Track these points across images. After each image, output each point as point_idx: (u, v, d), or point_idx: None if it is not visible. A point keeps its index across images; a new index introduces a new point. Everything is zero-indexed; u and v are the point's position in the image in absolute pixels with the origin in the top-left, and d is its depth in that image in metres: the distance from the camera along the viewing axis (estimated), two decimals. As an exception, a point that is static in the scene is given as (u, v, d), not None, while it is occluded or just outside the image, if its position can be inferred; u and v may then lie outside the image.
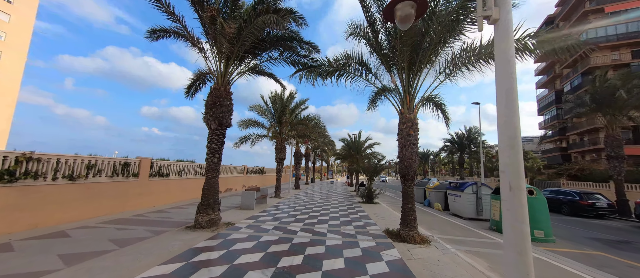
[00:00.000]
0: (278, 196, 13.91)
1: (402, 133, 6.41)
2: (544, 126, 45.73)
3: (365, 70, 7.25)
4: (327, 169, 53.14)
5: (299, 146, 22.70)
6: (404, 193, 6.35)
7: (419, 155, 7.05)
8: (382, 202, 13.87)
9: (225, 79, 6.94)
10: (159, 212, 8.27)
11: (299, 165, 22.50)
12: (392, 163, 15.29)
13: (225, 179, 15.68)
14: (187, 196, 11.35)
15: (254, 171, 21.38)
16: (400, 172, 6.42)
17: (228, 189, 16.00)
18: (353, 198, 15.60)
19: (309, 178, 30.77)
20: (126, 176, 8.22)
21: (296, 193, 17.23)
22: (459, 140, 28.52)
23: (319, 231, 6.62)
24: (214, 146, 6.66)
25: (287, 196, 15.26)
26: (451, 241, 6.25)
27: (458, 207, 10.60)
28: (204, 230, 6.10)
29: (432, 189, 13.18)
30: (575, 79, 35.54)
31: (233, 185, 16.92)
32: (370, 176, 13.73)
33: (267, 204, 11.18)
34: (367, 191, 13.50)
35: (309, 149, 29.51)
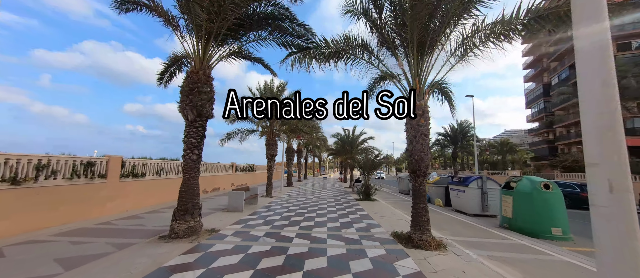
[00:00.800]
0: (270, 195, 12.95)
1: (411, 123, 5.59)
2: (531, 119, 46.59)
3: (367, 53, 6.36)
4: (320, 165, 52.39)
5: (291, 142, 21.72)
6: (414, 191, 5.56)
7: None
8: (380, 199, 13.18)
9: (204, 62, 5.89)
10: (132, 218, 7.17)
11: (291, 162, 21.55)
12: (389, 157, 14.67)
13: (212, 178, 14.56)
14: (168, 197, 10.22)
15: (243, 169, 20.27)
16: (410, 167, 5.61)
17: (215, 188, 14.89)
18: (349, 195, 14.84)
19: (301, 175, 29.88)
20: (90, 178, 7.05)
21: (289, 191, 16.31)
22: (453, 134, 28.29)
23: (318, 236, 5.76)
24: (192, 140, 5.63)
25: (280, 194, 14.32)
26: (468, 244, 5.54)
27: (462, 203, 9.99)
28: (181, 241, 5.11)
29: (432, 184, 12.58)
30: (562, 72, 36.08)
31: (221, 184, 15.80)
32: (367, 171, 12.98)
33: (258, 204, 10.22)
34: (364, 188, 12.75)
35: (301, 145, 28.56)
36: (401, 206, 11.17)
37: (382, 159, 13.70)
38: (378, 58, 6.18)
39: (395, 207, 10.73)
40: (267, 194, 13.01)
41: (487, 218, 9.25)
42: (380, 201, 12.48)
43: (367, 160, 13.10)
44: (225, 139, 13.29)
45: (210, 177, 14.30)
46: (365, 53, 6.34)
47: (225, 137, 13.29)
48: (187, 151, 5.63)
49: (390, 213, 8.93)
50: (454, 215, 9.40)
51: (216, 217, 7.60)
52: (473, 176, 10.13)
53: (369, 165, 12.88)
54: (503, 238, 6.12)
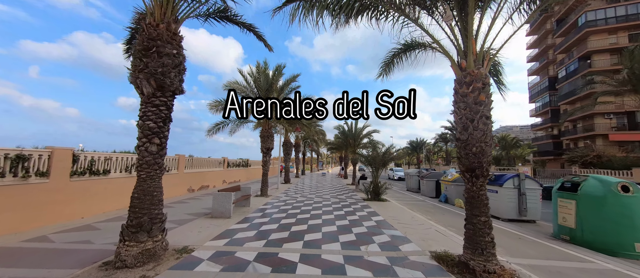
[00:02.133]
0: (265, 195, 11.27)
1: (464, 101, 3.92)
2: (535, 114, 45.48)
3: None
4: (317, 160, 50.82)
5: (289, 135, 19.99)
6: (470, 198, 3.92)
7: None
8: (391, 199, 11.61)
9: (169, 11, 4.10)
10: (81, 230, 5.44)
11: (289, 156, 19.86)
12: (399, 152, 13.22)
13: (199, 174, 12.81)
14: None
15: (236, 165, 18.52)
16: (464, 164, 3.96)
17: (203, 186, 13.15)
18: (353, 193, 13.24)
19: (299, 171, 28.25)
20: (24, 177, 5.27)
21: (286, 189, 14.66)
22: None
23: (331, 260, 4.11)
24: (149, 124, 3.89)
25: (276, 193, 12.65)
26: (542, 271, 3.95)
27: (493, 205, 8.39)
28: (130, 272, 3.41)
29: (451, 182, 11.02)
30: (571, 64, 34.73)
31: (211, 181, 14.07)
32: (377, 168, 11.36)
33: (250, 207, 8.55)
34: (373, 186, 11.15)
35: (299, 138, 26.84)
36: (419, 209, 9.59)
37: (394, 154, 12.08)
38: (414, 8, 4.43)
39: (413, 209, 9.15)
40: (262, 193, 11.33)
41: (526, 224, 7.74)
42: (392, 201, 10.90)
43: (376, 155, 11.48)
44: (213, 129, 11.52)
45: (197, 173, 12.55)
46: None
47: (214, 128, 11.51)
48: (143, 139, 3.89)
49: (410, 219, 7.33)
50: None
51: (195, 227, 5.90)
52: (507, 173, 8.55)
53: (378, 161, 11.26)
54: (582, 261, 4.54)
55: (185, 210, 7.85)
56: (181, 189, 11.04)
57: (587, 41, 32.15)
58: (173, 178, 10.47)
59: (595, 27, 31.28)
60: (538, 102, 43.83)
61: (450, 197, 11.08)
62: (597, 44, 31.38)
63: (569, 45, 35.07)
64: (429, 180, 13.47)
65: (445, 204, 10.99)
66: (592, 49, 31.35)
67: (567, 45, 35.25)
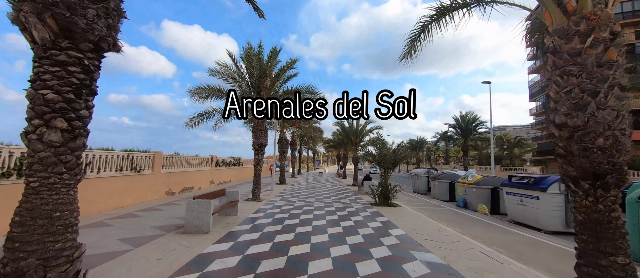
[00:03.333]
0: (257, 199, 9.66)
1: (577, 63, 2.41)
2: (536, 113, 44.75)
3: None
4: (314, 159, 49.28)
5: (284, 131, 18.37)
6: (592, 223, 2.39)
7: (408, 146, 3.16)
8: (401, 202, 10.12)
9: None
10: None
11: (284, 154, 18.25)
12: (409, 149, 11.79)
13: (182, 175, 11.11)
14: (89, 209, 6.83)
15: (226, 163, 16.82)
16: (576, 165, 2.43)
17: (186, 188, 11.45)
18: (358, 196, 11.73)
19: (295, 170, 26.66)
20: None
21: (282, 191, 13.05)
22: (465, 124, 25.54)
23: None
24: (49, 95, 2.25)
25: (271, 196, 11.04)
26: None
27: (530, 214, 7.02)
28: None
29: (471, 184, 9.58)
30: (575, 61, 33.78)
31: (196, 181, 12.37)
32: (386, 168, 9.85)
33: (238, 216, 6.93)
34: (382, 189, 9.65)
35: (295, 136, 25.24)
36: (440, 217, 8.12)
37: (406, 151, 10.58)
38: None
39: (433, 218, 7.66)
40: (254, 197, 9.71)
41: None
42: (405, 207, 9.42)
43: (386, 153, 9.95)
44: (195, 120, 9.79)
45: (179, 174, 10.84)
46: None
47: (196, 118, 9.77)
48: (36, 121, 2.25)
49: (438, 233, 5.84)
50: (525, 233, 6.41)
51: (156, 249, 4.27)
52: (551, 176, 7.12)
53: (389, 160, 9.74)
54: None
55: (153, 221, 6.19)
56: (157, 192, 9.33)
57: (592, 38, 31.23)
58: (146, 180, 8.76)
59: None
60: (539, 101, 43.06)
61: (470, 202, 9.64)
62: (602, 41, 30.46)
63: (573, 42, 34.10)
64: (442, 182, 12.04)
65: (465, 210, 9.55)
66: (598, 45, 30.42)
67: (571, 42, 34.29)
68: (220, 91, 9.41)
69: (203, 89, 9.00)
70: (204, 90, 9.01)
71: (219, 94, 9.49)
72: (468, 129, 25.34)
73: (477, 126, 25.48)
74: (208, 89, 9.08)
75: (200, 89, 8.95)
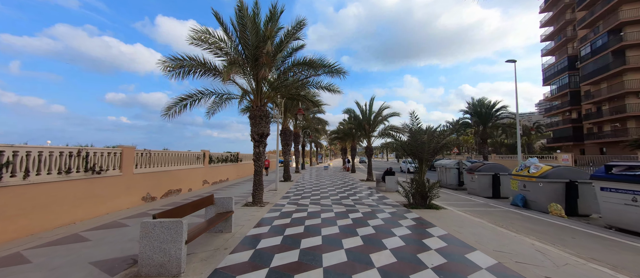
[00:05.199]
0: (259, 203, 7.55)
1: None
2: (550, 98, 42.32)
3: None
4: (317, 153, 47.17)
5: (287, 121, 16.15)
6: None
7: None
8: (445, 204, 8.01)
9: None
10: None
11: (288, 148, 16.08)
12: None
13: (165, 175, 8.97)
14: (10, 231, 4.71)
15: (223, 159, 14.66)
16: None
17: (172, 191, 9.32)
18: (381, 195, 9.64)
19: (298, 165, 24.55)
20: None
21: (288, 191, 10.93)
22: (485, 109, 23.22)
23: None
24: None
25: (275, 198, 8.91)
26: None
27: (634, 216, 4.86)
28: None
29: (536, 177, 7.41)
30: (598, 39, 31.25)
31: (185, 182, 10.24)
32: (422, 159, 7.68)
33: (233, 235, 4.80)
34: (417, 186, 7.54)
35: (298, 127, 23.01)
36: (506, 222, 5.97)
37: (449, 135, 8.36)
38: None
39: (502, 225, 5.52)
40: (255, 201, 7.59)
41: None
42: (450, 209, 7.30)
43: (424, 140, 7.71)
44: (175, 108, 7.51)
45: (161, 174, 8.70)
46: None
47: (176, 105, 7.48)
48: None
49: (537, 255, 3.71)
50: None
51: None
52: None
53: (426, 149, 7.54)
54: None
55: (101, 249, 4.05)
56: (129, 199, 7.20)
57: (618, 12, 28.70)
58: (111, 184, 6.61)
59: (630, -6, 27.71)
60: (554, 84, 40.58)
61: (534, 200, 7.50)
62: (630, 14, 27.94)
63: (596, 17, 31.55)
64: (484, 175, 9.89)
65: (527, 210, 7.43)
66: (625, 19, 27.91)
67: (594, 18, 31.73)
68: (205, 66, 7.15)
69: (180, 61, 6.70)
70: (181, 62, 6.72)
71: (204, 70, 7.25)
72: (488, 115, 23.06)
73: (498, 111, 23.19)
74: (187, 62, 6.79)
75: (176, 60, 6.65)
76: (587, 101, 33.43)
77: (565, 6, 38.68)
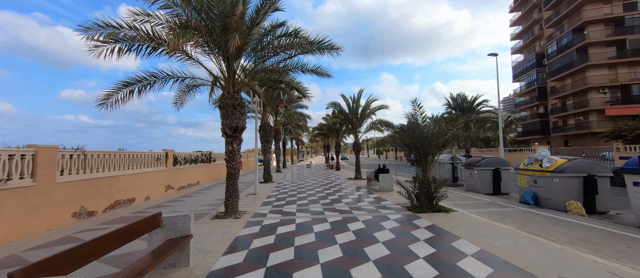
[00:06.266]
0: (233, 214, 6.00)
1: None
2: (519, 93, 44.60)
3: None
4: (298, 150, 45.58)
5: (267, 116, 14.51)
6: None
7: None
8: (450, 204, 7.02)
9: None
10: None
11: (268, 145, 14.44)
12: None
13: (107, 182, 7.04)
14: None
15: (191, 160, 12.68)
16: None
17: (120, 202, 7.39)
18: (376, 196, 8.52)
19: (279, 164, 22.89)
20: None
21: (269, 195, 9.40)
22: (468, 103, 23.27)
23: None
24: None
25: (254, 206, 7.37)
26: None
27: None
28: None
29: (550, 172, 6.65)
30: (563, 37, 33.06)
31: (140, 189, 8.32)
32: (427, 155, 6.61)
33: (190, 269, 3.27)
34: (422, 187, 6.49)
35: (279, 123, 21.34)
36: (527, 226, 5.04)
37: (459, 128, 7.31)
38: None
39: (551, 237, 4.56)
40: (228, 212, 6.03)
41: None
42: (465, 213, 6.32)
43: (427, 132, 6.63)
44: (117, 95, 5.63)
45: (101, 181, 6.76)
46: None
47: (115, 92, 5.59)
48: None
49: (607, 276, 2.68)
50: None
51: None
52: None
53: (432, 143, 6.46)
54: None
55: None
56: (50, 217, 5.28)
57: (581, 11, 30.49)
58: (17, 199, 4.69)
59: (590, -5, 29.45)
60: (523, 81, 42.75)
61: (547, 197, 6.75)
62: (592, 14, 29.79)
63: (561, 17, 33.38)
64: (484, 170, 9.14)
65: (539, 208, 6.67)
66: (588, 19, 29.69)
67: (559, 17, 33.54)
68: (154, 40, 5.38)
69: (115, 30, 4.83)
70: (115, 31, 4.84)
71: (153, 45, 5.47)
72: (470, 109, 23.13)
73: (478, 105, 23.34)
74: (127, 32, 4.97)
75: (108, 28, 4.78)
76: (553, 96, 35.42)
77: (533, 6, 40.72)
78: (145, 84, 6.01)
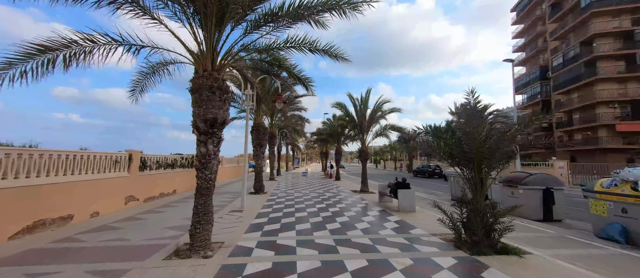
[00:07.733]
0: (200, 251, 3.92)
1: None
2: (522, 106, 43.71)
3: None
4: (293, 157, 43.39)
5: (261, 116, 12.49)
6: None
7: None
8: (511, 239, 5.09)
9: None
10: None
11: (262, 149, 12.38)
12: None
13: (30, 192, 4.88)
14: None
15: (167, 165, 10.48)
16: None
17: (43, 222, 5.21)
18: (397, 219, 6.52)
19: (273, 170, 20.73)
20: None
21: (259, 213, 7.27)
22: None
23: None
24: None
25: (237, 233, 5.27)
26: None
27: None
28: None
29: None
30: (570, 50, 32.26)
31: (83, 202, 6.15)
32: (480, 168, 4.73)
33: None
34: (474, 214, 4.58)
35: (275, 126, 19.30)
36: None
37: (520, 133, 5.52)
38: None
39: None
40: (194, 247, 3.95)
41: None
42: (546, 257, 4.38)
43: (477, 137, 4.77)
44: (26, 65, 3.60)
45: (19, 191, 4.60)
46: None
47: (30, 58, 3.59)
48: None
49: None
50: None
51: None
52: None
53: (497, 152, 4.57)
54: None
55: None
56: None
57: (589, 25, 29.78)
58: None
59: (601, 9, 28.76)
60: (526, 93, 41.89)
61: None
62: (600, 27, 29.04)
63: (567, 30, 32.64)
64: (531, 189, 7.28)
65: (631, 247, 4.78)
66: (597, 32, 28.91)
67: (565, 30, 32.81)
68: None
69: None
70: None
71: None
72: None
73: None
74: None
75: None
76: (559, 110, 34.39)
77: (537, 19, 40.21)
78: (74, 51, 3.97)
